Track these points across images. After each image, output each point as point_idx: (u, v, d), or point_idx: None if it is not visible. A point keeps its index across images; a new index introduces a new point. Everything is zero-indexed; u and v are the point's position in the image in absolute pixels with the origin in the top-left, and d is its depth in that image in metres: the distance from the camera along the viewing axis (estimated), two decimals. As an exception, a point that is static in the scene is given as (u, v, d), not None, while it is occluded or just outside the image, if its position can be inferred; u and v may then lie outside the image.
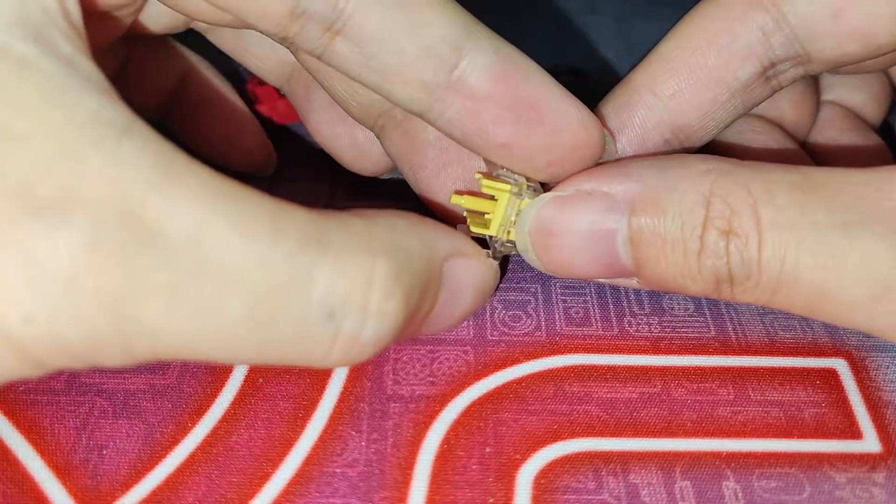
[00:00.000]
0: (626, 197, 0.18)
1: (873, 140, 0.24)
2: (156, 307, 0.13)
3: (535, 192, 0.20)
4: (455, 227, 0.19)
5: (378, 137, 0.22)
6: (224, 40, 0.24)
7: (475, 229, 0.20)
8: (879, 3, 0.18)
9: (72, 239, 0.13)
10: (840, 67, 0.20)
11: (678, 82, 0.20)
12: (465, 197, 0.20)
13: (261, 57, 0.24)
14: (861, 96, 0.25)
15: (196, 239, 0.13)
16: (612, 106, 0.21)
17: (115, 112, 0.14)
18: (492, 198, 0.19)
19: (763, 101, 0.21)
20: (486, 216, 0.20)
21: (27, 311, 0.13)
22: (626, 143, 0.20)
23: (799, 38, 0.19)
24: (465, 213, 0.20)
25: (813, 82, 0.24)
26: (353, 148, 0.24)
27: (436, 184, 0.21)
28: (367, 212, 0.17)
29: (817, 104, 0.24)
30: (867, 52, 0.19)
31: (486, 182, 0.19)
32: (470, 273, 0.18)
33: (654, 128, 0.20)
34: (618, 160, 0.20)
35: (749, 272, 0.17)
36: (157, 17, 0.21)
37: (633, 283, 0.19)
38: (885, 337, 0.17)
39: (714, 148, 0.23)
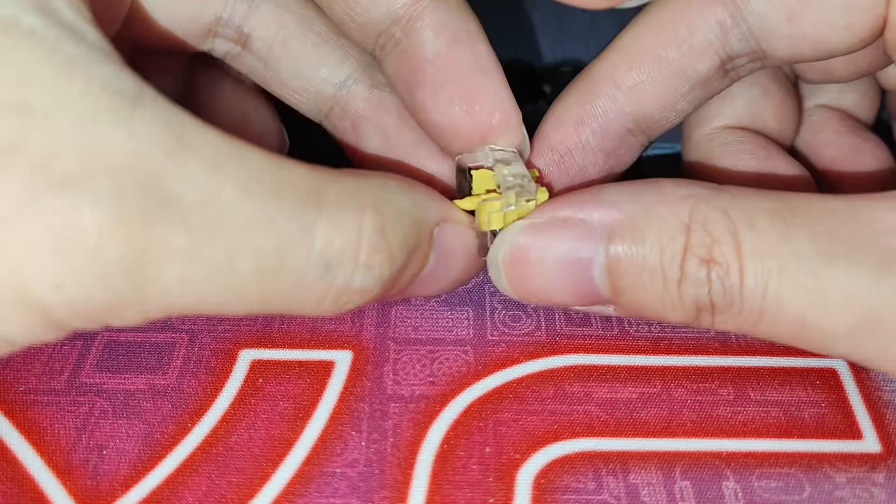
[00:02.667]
0: (603, 224, 0.17)
1: (871, 140, 0.24)
2: (174, 269, 0.14)
3: (522, 190, 0.19)
4: (454, 160, 0.20)
5: (379, 62, 0.21)
6: (255, 71, 0.22)
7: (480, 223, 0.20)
8: (833, 12, 0.18)
9: (96, 210, 0.13)
10: (797, 66, 0.20)
11: (639, 74, 0.20)
12: (466, 200, 0.20)
13: (296, 89, 0.22)
14: (852, 97, 0.25)
15: (209, 201, 0.14)
16: (575, 96, 0.21)
17: (125, 80, 0.14)
18: (493, 190, 0.19)
19: (722, 90, 0.21)
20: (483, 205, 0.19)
21: (56, 279, 0.13)
22: (589, 134, 0.20)
23: (755, 35, 0.19)
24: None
25: (792, 90, 0.24)
26: None
27: (431, 104, 0.20)
28: (362, 171, 0.17)
29: (799, 109, 0.24)
30: (819, 55, 0.19)
31: (476, 174, 0.19)
32: (460, 239, 0.19)
33: (617, 118, 0.20)
34: (589, 186, 0.19)
35: (731, 301, 0.16)
36: (164, 35, 0.21)
37: (609, 310, 0.19)
38: (870, 366, 0.17)
39: (698, 165, 0.23)
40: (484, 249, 0.19)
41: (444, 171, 0.21)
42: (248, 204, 0.15)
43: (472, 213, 0.20)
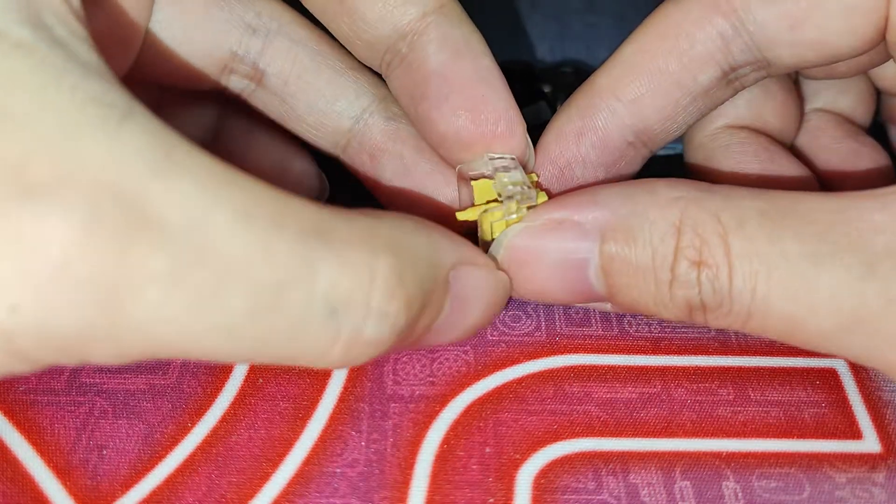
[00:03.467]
0: (597, 225, 0.18)
1: (868, 144, 0.24)
2: (152, 297, 0.13)
3: (523, 199, 0.19)
4: (456, 169, 0.20)
5: (386, 79, 0.21)
6: (271, 107, 0.22)
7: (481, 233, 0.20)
8: (835, 16, 0.18)
9: (63, 222, 0.12)
10: (801, 70, 0.20)
11: (639, 87, 0.20)
12: (468, 211, 0.20)
13: (313, 124, 0.22)
14: (847, 100, 0.25)
15: (198, 226, 0.13)
16: (576, 108, 0.21)
17: (116, 95, 0.14)
18: (494, 199, 0.19)
19: (726, 100, 0.21)
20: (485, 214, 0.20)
21: (13, 300, 0.12)
22: (588, 146, 0.21)
23: (757, 44, 0.19)
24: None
25: (793, 88, 0.24)
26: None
27: (437, 115, 0.20)
28: (374, 211, 0.16)
29: (800, 108, 0.24)
30: (824, 60, 0.19)
31: (476, 185, 0.19)
32: (478, 283, 0.18)
33: (617, 131, 0.20)
34: (586, 186, 0.20)
35: (721, 301, 0.17)
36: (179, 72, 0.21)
37: (606, 307, 0.19)
38: (859, 363, 0.17)
39: (700, 167, 0.23)
40: None
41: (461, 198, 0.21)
42: (243, 231, 0.13)
43: (474, 222, 0.20)
